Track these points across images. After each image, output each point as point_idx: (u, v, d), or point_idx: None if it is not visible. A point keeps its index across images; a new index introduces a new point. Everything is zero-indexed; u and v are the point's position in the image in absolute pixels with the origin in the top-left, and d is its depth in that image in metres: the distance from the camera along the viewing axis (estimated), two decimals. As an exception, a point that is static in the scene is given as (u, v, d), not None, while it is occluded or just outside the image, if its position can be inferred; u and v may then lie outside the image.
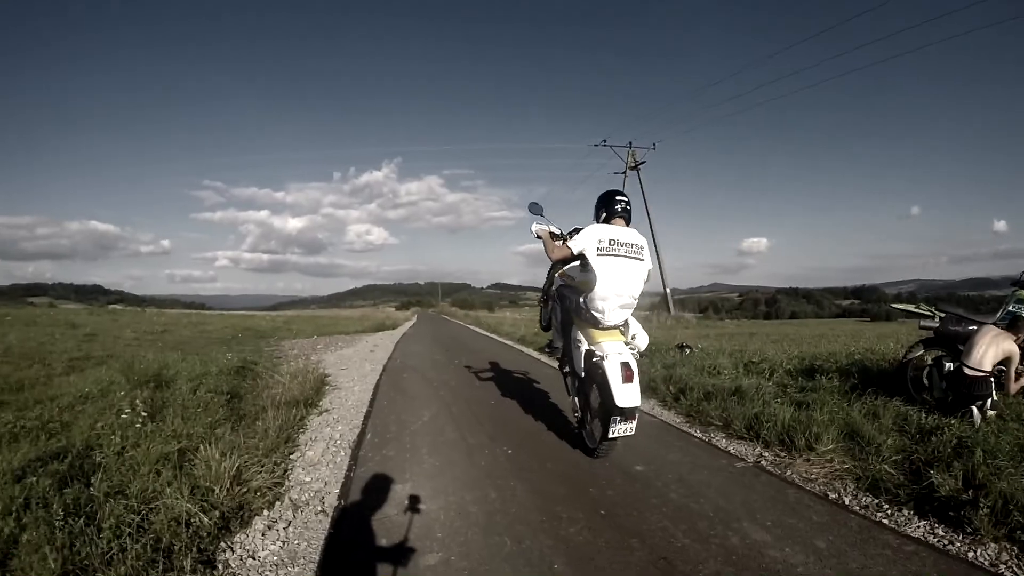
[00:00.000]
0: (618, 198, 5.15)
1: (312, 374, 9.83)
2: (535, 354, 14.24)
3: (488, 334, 23.43)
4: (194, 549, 3.51)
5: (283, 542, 3.82)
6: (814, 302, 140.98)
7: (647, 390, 7.59)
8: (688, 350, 11.34)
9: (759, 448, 5.45)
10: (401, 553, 3.59)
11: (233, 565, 3.51)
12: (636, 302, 5.06)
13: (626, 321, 5.20)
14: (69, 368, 10.36)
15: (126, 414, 5.56)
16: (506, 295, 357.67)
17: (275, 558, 3.61)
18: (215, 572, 3.42)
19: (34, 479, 4.02)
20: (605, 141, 37.24)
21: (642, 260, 4.99)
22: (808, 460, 4.89)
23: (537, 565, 3.36)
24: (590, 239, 4.86)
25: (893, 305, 8.04)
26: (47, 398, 7.08)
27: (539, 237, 5.60)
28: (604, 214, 5.12)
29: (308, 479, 5.03)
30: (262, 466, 4.90)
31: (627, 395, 4.60)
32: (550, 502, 4.28)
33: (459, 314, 55.15)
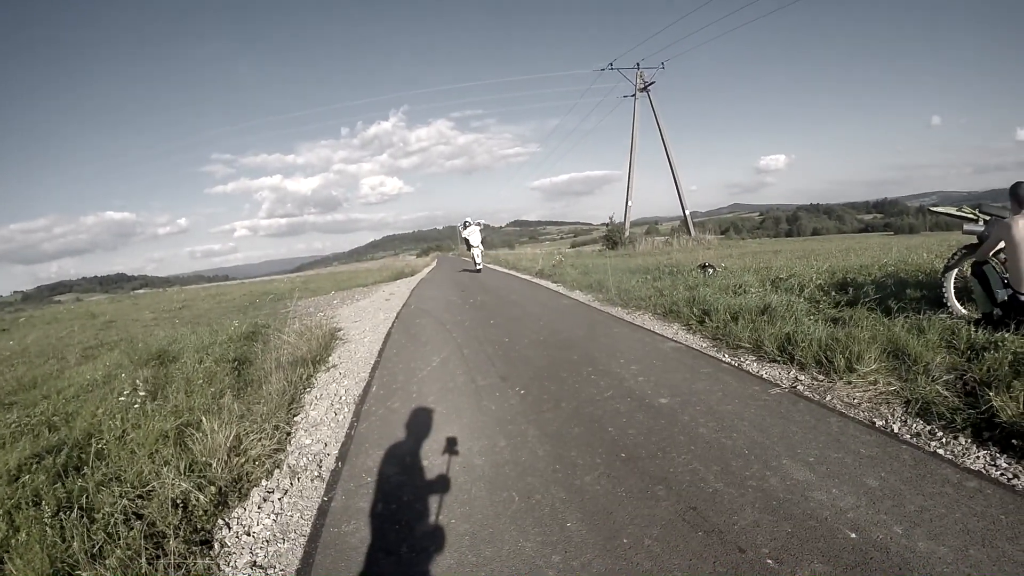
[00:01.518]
0: (467, 226, 23.84)
1: (321, 330, 9.51)
2: (553, 286, 13.97)
3: (506, 271, 23.24)
4: (189, 529, 3.30)
5: (277, 515, 3.55)
6: (836, 218, 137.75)
7: (670, 314, 8.02)
8: (711, 270, 10.91)
9: (794, 371, 4.95)
10: (394, 520, 3.24)
11: (229, 543, 3.27)
12: (480, 240, 24.14)
13: (480, 245, 24.44)
14: (82, 358, 10.35)
15: (123, 397, 5.35)
16: (525, 231, 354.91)
17: (267, 533, 3.35)
18: (211, 552, 3.18)
19: (28, 477, 3.83)
20: (612, 64, 35.97)
21: (478, 239, 23.76)
22: (849, 383, 4.36)
23: (547, 524, 2.96)
24: (466, 235, 23.92)
25: (931, 209, 7.32)
26: (54, 392, 6.99)
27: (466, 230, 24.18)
28: (465, 228, 23.95)
29: (308, 441, 4.76)
30: (263, 433, 4.64)
31: (477, 264, 24.34)
32: (564, 447, 3.88)
33: (478, 254, 55.11)
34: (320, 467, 4.18)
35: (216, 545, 3.27)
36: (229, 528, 3.43)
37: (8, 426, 5.31)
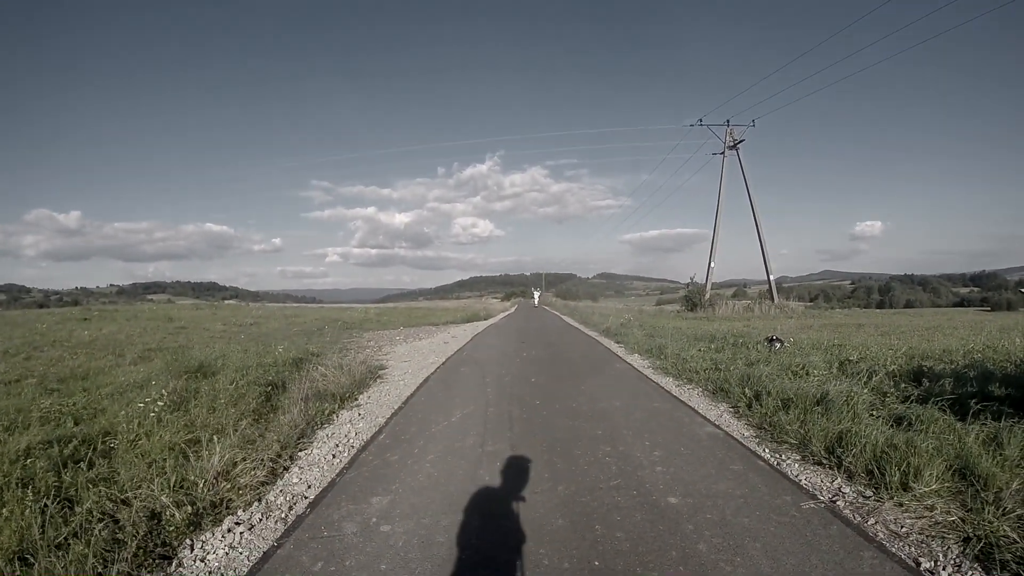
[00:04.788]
0: (536, 289, 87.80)
1: (363, 366, 9.61)
2: (615, 347, 13.49)
3: (577, 325, 22.99)
4: (158, 542, 3.44)
5: (231, 548, 3.47)
6: (930, 290, 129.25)
7: (720, 392, 7.52)
8: (778, 344, 10.09)
9: (839, 480, 4.24)
10: None
11: (186, 565, 3.29)
12: (539, 295, 78.79)
13: (540, 297, 77.21)
14: (138, 359, 10.86)
15: (142, 404, 5.50)
16: (612, 284, 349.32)
17: (217, 564, 3.28)
18: (167, 569, 3.25)
19: (30, 460, 4.08)
20: (701, 120, 35.69)
21: (537, 295, 77.05)
22: (900, 504, 3.64)
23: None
24: (533, 296, 77.12)
25: (1030, 291, 6.39)
26: (96, 386, 7.38)
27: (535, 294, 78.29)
28: (535, 291, 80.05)
29: (296, 480, 4.62)
30: (260, 462, 4.64)
31: (535, 305, 64.47)
32: (537, 541, 3.37)
33: (558, 304, 56.76)
34: (290, 510, 4.01)
35: (174, 563, 3.29)
36: (192, 550, 3.44)
37: (40, 410, 5.78)
